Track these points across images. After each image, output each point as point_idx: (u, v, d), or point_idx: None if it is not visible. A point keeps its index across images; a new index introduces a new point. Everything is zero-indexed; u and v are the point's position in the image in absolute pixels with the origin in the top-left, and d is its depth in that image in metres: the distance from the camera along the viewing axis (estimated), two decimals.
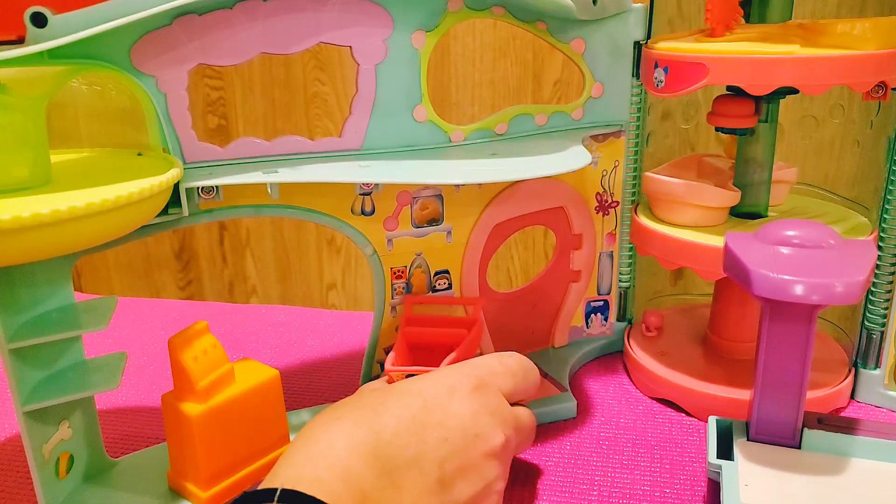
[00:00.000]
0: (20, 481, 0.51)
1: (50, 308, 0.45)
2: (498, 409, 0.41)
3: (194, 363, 0.43)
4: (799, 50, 0.47)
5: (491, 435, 0.40)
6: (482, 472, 0.39)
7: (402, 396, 0.40)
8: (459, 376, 0.42)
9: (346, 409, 0.39)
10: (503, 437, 0.40)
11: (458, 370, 0.43)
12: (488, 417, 0.40)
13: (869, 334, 0.56)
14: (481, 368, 0.44)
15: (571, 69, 0.98)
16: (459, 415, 0.39)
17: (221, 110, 1.13)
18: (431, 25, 0.51)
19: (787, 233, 0.42)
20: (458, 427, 0.39)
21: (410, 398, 0.40)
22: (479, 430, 0.39)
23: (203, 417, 0.43)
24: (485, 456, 0.39)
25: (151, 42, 0.44)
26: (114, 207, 0.38)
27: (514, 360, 0.46)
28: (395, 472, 0.36)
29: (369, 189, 0.52)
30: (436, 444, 0.38)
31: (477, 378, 0.42)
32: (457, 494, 0.38)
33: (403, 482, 0.36)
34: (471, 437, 0.39)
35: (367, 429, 0.37)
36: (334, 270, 1.19)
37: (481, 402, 0.41)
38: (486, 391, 0.42)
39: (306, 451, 0.36)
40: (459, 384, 0.41)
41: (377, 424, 0.37)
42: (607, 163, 0.60)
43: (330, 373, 0.66)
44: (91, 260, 1.28)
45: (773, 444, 0.43)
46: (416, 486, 0.37)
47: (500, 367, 0.44)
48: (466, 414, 0.39)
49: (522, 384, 0.45)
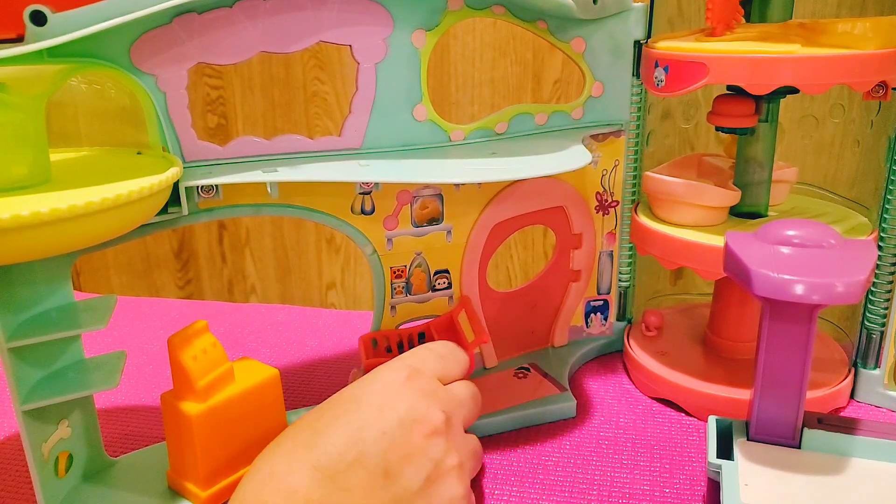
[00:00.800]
0: (19, 480, 0.51)
1: (49, 307, 0.45)
2: (432, 390, 0.43)
3: (194, 362, 0.43)
4: (799, 49, 0.47)
5: (429, 416, 0.41)
6: (427, 453, 0.40)
7: (337, 405, 0.41)
8: (391, 372, 0.44)
9: (286, 435, 0.41)
10: (442, 415, 0.42)
11: (389, 366, 0.44)
12: (424, 400, 0.42)
13: (869, 334, 0.56)
14: (410, 358, 0.46)
15: (571, 68, 0.98)
16: (395, 406, 0.41)
17: (221, 109, 1.13)
18: (432, 24, 0.51)
19: (787, 232, 0.42)
20: (394, 418, 0.40)
21: (345, 404, 0.41)
22: (416, 414, 0.41)
23: (202, 417, 0.43)
24: (426, 437, 0.40)
25: (151, 41, 0.44)
26: (113, 206, 0.38)
27: (439, 344, 0.48)
28: (339, 478, 0.38)
29: (369, 188, 0.52)
30: (374, 440, 0.39)
31: (408, 368, 0.44)
32: (406, 482, 0.39)
33: (350, 483, 0.38)
34: (408, 423, 0.40)
35: (305, 447, 0.39)
36: (334, 270, 1.19)
37: (415, 388, 0.42)
38: (418, 377, 0.43)
39: (252, 482, 0.38)
40: (392, 379, 0.43)
41: (314, 439, 0.39)
42: (607, 162, 0.60)
43: (329, 372, 0.66)
44: (90, 259, 1.28)
45: (772, 443, 0.43)
46: (362, 483, 0.38)
47: (428, 353, 0.47)
48: (402, 404, 0.41)
49: (452, 364, 0.47)
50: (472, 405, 0.46)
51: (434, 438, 0.41)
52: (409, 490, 0.39)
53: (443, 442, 0.41)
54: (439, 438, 0.41)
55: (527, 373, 0.60)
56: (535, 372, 0.60)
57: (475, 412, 0.47)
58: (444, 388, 0.44)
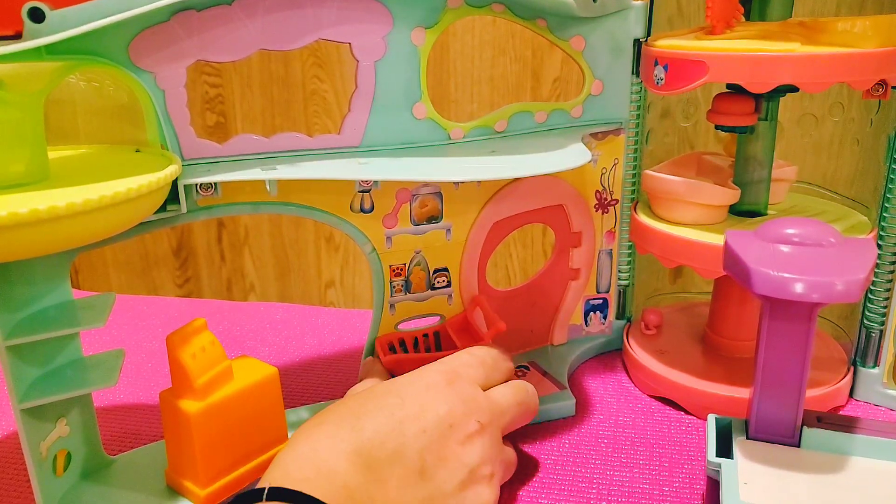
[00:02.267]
0: (18, 479, 0.51)
1: (47, 305, 0.45)
2: (471, 397, 0.44)
3: (192, 360, 0.43)
4: (799, 48, 0.47)
5: (464, 423, 0.42)
6: (462, 458, 0.41)
7: (381, 397, 0.42)
8: (434, 374, 0.44)
9: (329, 414, 0.41)
10: (476, 425, 0.42)
11: (432, 368, 0.45)
12: (462, 406, 0.42)
13: (868, 333, 0.56)
14: (453, 362, 0.46)
15: (571, 66, 0.98)
16: (435, 407, 0.42)
17: (220, 107, 1.13)
18: (431, 22, 0.51)
19: (786, 231, 0.42)
20: (434, 419, 0.41)
21: (389, 398, 0.42)
22: (454, 420, 0.42)
23: (201, 415, 0.43)
24: (461, 444, 0.41)
25: (150, 38, 0.44)
26: (111, 204, 0.38)
27: (483, 350, 0.48)
28: (377, 467, 0.38)
29: (368, 186, 0.52)
30: (415, 436, 0.40)
31: (450, 372, 0.45)
32: (441, 483, 0.40)
33: (387, 476, 0.38)
34: (446, 427, 0.41)
35: (349, 429, 0.39)
36: (333, 268, 1.19)
37: (455, 393, 0.43)
38: (460, 383, 0.44)
39: (293, 455, 0.38)
40: (435, 381, 0.43)
41: (358, 424, 0.40)
42: (607, 161, 0.60)
43: (328, 370, 0.66)
44: (89, 257, 1.28)
45: (772, 442, 0.43)
46: (399, 478, 0.39)
47: (471, 358, 0.47)
48: (442, 406, 0.42)
49: (493, 371, 0.47)
50: (518, 412, 0.46)
51: (468, 446, 0.41)
52: (442, 492, 0.40)
53: (478, 450, 0.42)
54: (474, 446, 0.42)
55: (526, 371, 0.60)
56: (534, 370, 0.60)
57: (523, 417, 0.47)
58: (484, 395, 0.45)
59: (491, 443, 0.43)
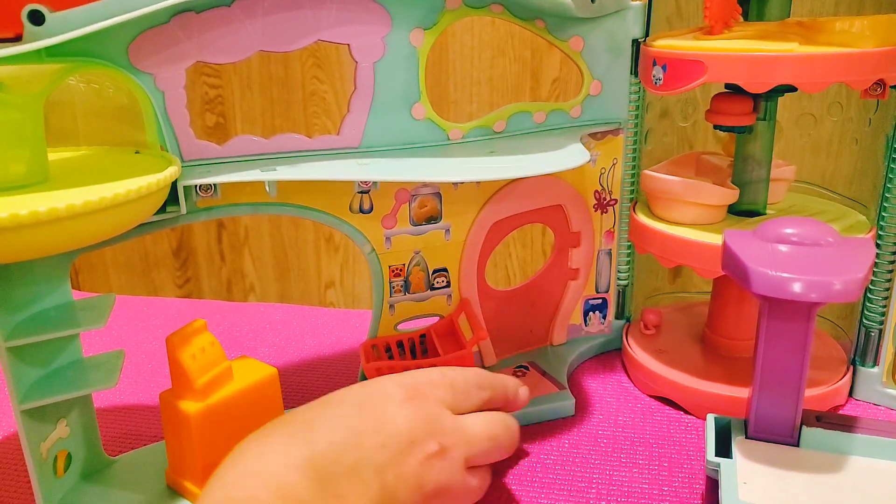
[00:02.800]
0: (18, 480, 0.51)
1: (47, 306, 0.45)
2: (434, 417, 0.41)
3: (192, 361, 0.43)
4: (797, 48, 0.47)
5: (425, 442, 0.39)
6: (418, 480, 0.38)
7: (336, 407, 0.39)
8: (394, 386, 0.41)
9: (277, 426, 0.38)
10: (437, 446, 0.39)
11: (394, 380, 0.42)
12: (423, 424, 0.40)
13: (867, 332, 0.56)
14: (419, 378, 0.43)
15: (570, 67, 0.98)
16: (395, 422, 0.39)
17: (219, 108, 1.13)
18: (430, 23, 0.51)
19: (785, 230, 0.42)
20: (394, 433, 0.38)
21: (344, 408, 0.39)
22: (414, 436, 0.39)
23: (201, 415, 0.43)
24: (420, 463, 0.38)
25: (149, 40, 0.44)
26: (111, 205, 0.38)
27: (458, 372, 0.45)
28: (333, 482, 0.36)
29: (368, 187, 0.52)
30: (373, 450, 0.37)
31: (412, 388, 0.41)
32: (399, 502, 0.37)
33: (343, 491, 0.36)
34: (406, 443, 0.38)
35: (301, 441, 0.37)
36: (332, 268, 1.19)
37: (416, 410, 0.40)
38: (422, 401, 0.41)
39: (238, 470, 0.35)
40: (394, 393, 0.41)
41: (311, 436, 0.37)
42: (606, 161, 0.60)
43: (328, 371, 0.66)
44: (89, 258, 1.28)
45: (771, 441, 0.43)
46: (356, 493, 0.36)
47: (441, 378, 0.43)
48: (401, 421, 0.39)
49: (463, 397, 0.43)
50: (489, 446, 0.42)
51: (427, 467, 0.39)
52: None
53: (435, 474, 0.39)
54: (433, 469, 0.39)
55: (525, 371, 0.60)
56: (533, 370, 0.60)
57: (495, 453, 0.43)
58: (451, 418, 0.41)
59: (451, 470, 0.40)
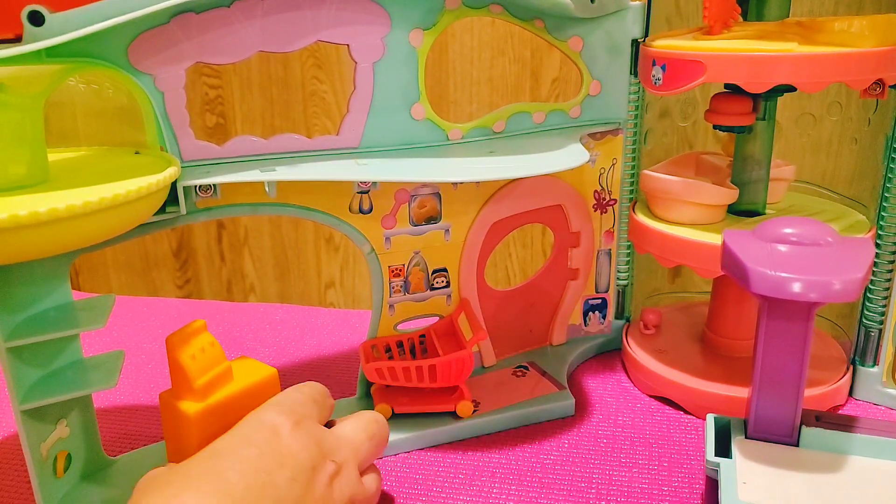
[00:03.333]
0: (18, 480, 0.51)
1: (48, 306, 0.45)
2: (322, 437, 0.41)
3: (192, 361, 0.43)
4: (796, 48, 0.47)
5: (323, 465, 0.40)
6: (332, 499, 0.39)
7: (235, 451, 0.39)
8: (276, 416, 0.41)
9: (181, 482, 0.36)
10: (333, 466, 0.40)
11: (272, 409, 0.42)
12: (316, 448, 0.40)
13: (867, 332, 0.56)
14: (289, 402, 0.43)
15: (569, 67, 0.98)
16: (294, 453, 0.39)
17: (219, 108, 1.13)
18: (429, 23, 0.51)
19: (784, 230, 0.42)
20: (296, 465, 0.38)
21: (243, 450, 0.39)
22: (313, 462, 0.39)
23: (201, 415, 0.43)
24: (328, 486, 0.39)
25: (149, 40, 0.44)
26: (111, 206, 0.38)
27: (308, 387, 0.46)
28: None
29: (367, 187, 0.52)
30: (286, 485, 0.37)
31: (291, 412, 0.42)
32: None
33: None
34: (309, 471, 0.39)
35: (214, 489, 0.35)
36: (332, 269, 1.19)
37: (306, 435, 0.41)
38: (304, 423, 0.41)
39: None
40: (280, 423, 0.40)
41: (224, 486, 0.36)
42: (605, 161, 0.60)
43: (328, 371, 0.66)
44: (89, 258, 1.28)
45: (771, 441, 0.43)
46: None
47: (301, 396, 0.44)
48: (299, 449, 0.39)
49: (322, 409, 0.45)
50: (371, 446, 0.45)
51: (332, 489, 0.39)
52: None
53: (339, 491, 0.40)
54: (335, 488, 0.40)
55: (525, 371, 0.60)
56: (533, 370, 0.60)
57: (377, 450, 0.45)
58: (332, 434, 0.43)
59: (351, 483, 0.41)
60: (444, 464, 0.51)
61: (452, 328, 0.56)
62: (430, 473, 0.50)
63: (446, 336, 0.56)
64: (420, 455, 0.52)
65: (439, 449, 0.53)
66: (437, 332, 0.56)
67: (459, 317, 0.56)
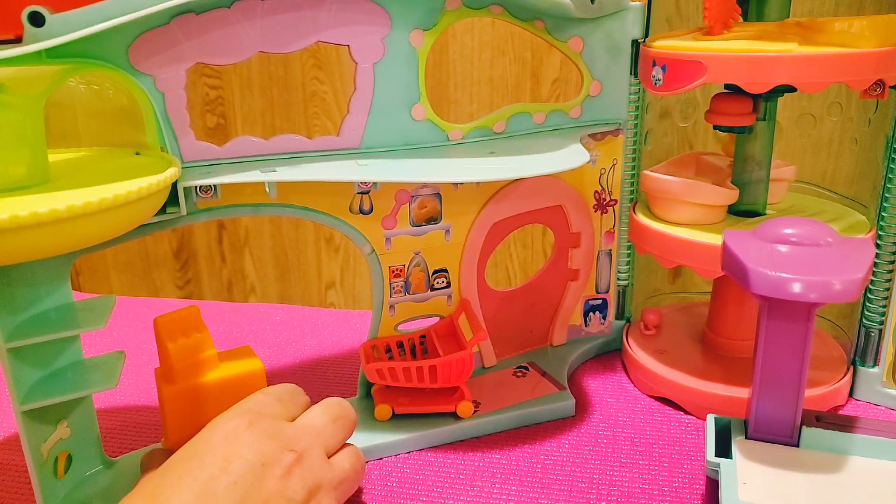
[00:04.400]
0: (19, 481, 0.51)
1: (48, 307, 0.45)
2: (278, 431, 0.41)
3: (174, 345, 0.44)
4: (797, 48, 0.47)
5: (278, 458, 0.40)
6: (285, 494, 0.39)
7: (178, 466, 0.39)
8: (232, 420, 0.41)
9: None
10: (292, 455, 0.40)
11: (230, 415, 0.42)
12: (270, 443, 0.40)
13: (867, 332, 0.56)
14: (249, 403, 0.44)
15: (570, 67, 0.98)
16: (240, 454, 0.39)
17: (220, 109, 1.13)
18: (429, 24, 0.51)
19: (785, 231, 0.42)
20: (242, 466, 0.38)
21: (187, 462, 0.39)
22: (265, 458, 0.39)
23: (174, 396, 0.44)
24: (280, 479, 0.39)
25: (149, 41, 0.44)
26: (112, 206, 0.38)
27: (277, 388, 0.46)
28: None
29: (367, 188, 0.52)
30: (227, 491, 0.37)
31: (248, 412, 0.42)
32: None
33: None
34: (259, 468, 0.39)
35: None
36: (333, 269, 1.19)
37: (260, 432, 0.41)
38: (262, 421, 0.42)
39: None
40: (234, 427, 0.41)
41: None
42: (605, 161, 0.60)
43: (328, 371, 0.66)
44: (90, 259, 1.28)
45: (771, 442, 0.43)
46: None
47: (267, 398, 0.45)
48: (247, 451, 0.39)
49: (291, 406, 0.45)
50: (334, 427, 0.45)
51: (289, 479, 0.39)
52: None
53: (299, 480, 0.40)
54: (294, 478, 0.39)
55: (525, 372, 0.60)
56: (533, 371, 0.60)
57: (344, 431, 0.45)
58: (290, 425, 0.43)
59: (315, 467, 0.41)
60: (445, 464, 0.51)
61: (453, 329, 0.56)
62: (431, 474, 0.50)
63: (447, 336, 0.56)
64: (420, 455, 0.52)
65: (440, 449, 0.53)
66: (437, 332, 0.56)
67: (460, 317, 0.56)
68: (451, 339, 0.55)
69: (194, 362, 0.45)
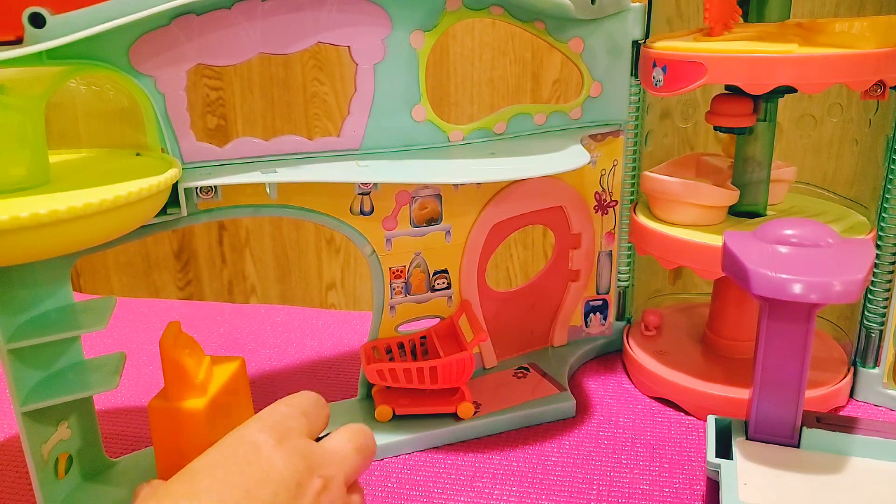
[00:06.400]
0: (19, 481, 0.51)
1: (49, 308, 0.45)
2: (308, 452, 0.40)
3: (189, 359, 0.43)
4: (797, 49, 0.47)
5: (309, 481, 0.39)
6: None
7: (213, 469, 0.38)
8: (259, 433, 0.40)
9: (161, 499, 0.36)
10: (320, 481, 0.39)
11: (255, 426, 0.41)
12: (302, 463, 0.39)
13: (868, 333, 0.56)
14: (275, 416, 0.42)
15: (570, 68, 0.98)
16: (277, 467, 0.38)
17: (220, 110, 1.13)
18: (430, 25, 0.51)
19: (785, 232, 0.42)
20: (279, 480, 0.38)
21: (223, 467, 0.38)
22: (299, 478, 0.38)
23: (208, 409, 0.43)
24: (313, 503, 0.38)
25: (150, 42, 0.44)
26: (112, 207, 0.38)
27: (300, 398, 0.45)
28: None
29: (368, 189, 0.52)
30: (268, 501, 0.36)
31: (276, 427, 0.41)
32: None
33: None
34: (294, 487, 0.38)
35: None
36: (333, 270, 1.19)
37: (291, 450, 0.40)
38: (291, 438, 0.40)
39: None
40: (263, 440, 0.40)
41: None
42: (606, 162, 0.60)
43: (329, 372, 0.66)
44: (90, 260, 1.28)
45: (771, 442, 0.43)
46: None
47: (290, 410, 0.43)
48: (283, 466, 0.38)
49: (315, 420, 0.44)
50: (358, 459, 0.43)
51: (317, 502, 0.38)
52: None
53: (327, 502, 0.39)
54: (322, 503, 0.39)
55: (526, 373, 0.60)
56: (534, 372, 0.60)
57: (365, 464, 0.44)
58: (319, 447, 0.41)
59: (337, 499, 0.40)
60: (446, 465, 0.51)
61: (453, 329, 0.56)
62: (432, 474, 0.50)
63: (447, 337, 0.56)
64: (421, 456, 0.52)
65: (440, 450, 0.53)
66: (437, 333, 0.56)
67: (460, 318, 0.56)
68: (451, 340, 0.55)
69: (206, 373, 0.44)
